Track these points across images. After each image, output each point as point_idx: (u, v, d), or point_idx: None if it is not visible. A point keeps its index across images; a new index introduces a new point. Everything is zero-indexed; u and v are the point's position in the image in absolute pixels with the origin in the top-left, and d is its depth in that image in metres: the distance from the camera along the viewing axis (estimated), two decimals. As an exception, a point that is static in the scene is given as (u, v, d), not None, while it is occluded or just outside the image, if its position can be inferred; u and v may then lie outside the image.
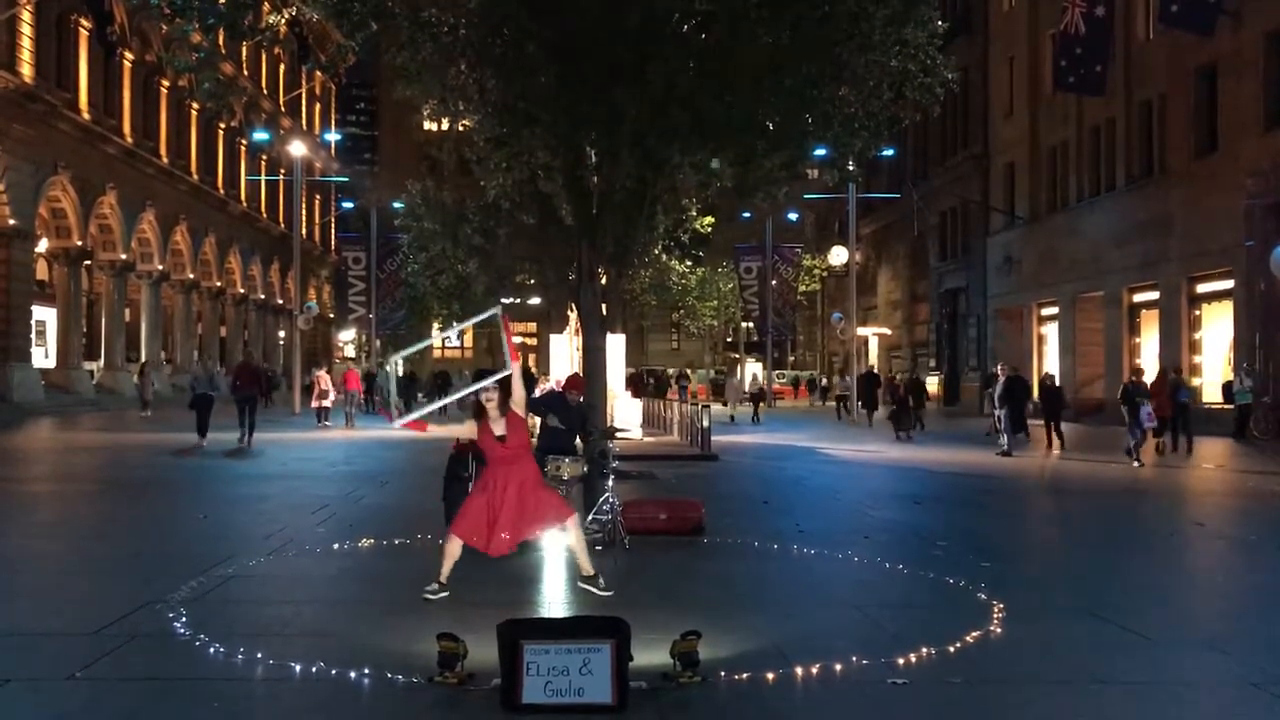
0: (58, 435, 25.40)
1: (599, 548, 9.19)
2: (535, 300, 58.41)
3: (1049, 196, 37.00)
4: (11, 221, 32.47)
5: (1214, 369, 28.32)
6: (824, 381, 55.73)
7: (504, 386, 7.28)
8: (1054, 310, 36.76)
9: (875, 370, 43.75)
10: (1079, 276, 34.30)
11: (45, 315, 37.30)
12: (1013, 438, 20.75)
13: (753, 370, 45.27)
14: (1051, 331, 37.36)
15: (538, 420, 10.41)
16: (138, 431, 25.85)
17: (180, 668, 5.67)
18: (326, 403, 29.48)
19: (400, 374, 43.47)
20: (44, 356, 36.98)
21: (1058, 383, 24.84)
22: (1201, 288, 28.88)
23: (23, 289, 33.60)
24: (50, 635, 6.31)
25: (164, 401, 39.93)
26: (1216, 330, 28.39)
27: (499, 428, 7.17)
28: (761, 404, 36.85)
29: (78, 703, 5.11)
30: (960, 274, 44.67)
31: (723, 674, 5.50)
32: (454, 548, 7.24)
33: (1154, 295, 30.61)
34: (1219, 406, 26.19)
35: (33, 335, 34.89)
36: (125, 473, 16.86)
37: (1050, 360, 36.80)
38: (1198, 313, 29.14)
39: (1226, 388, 25.55)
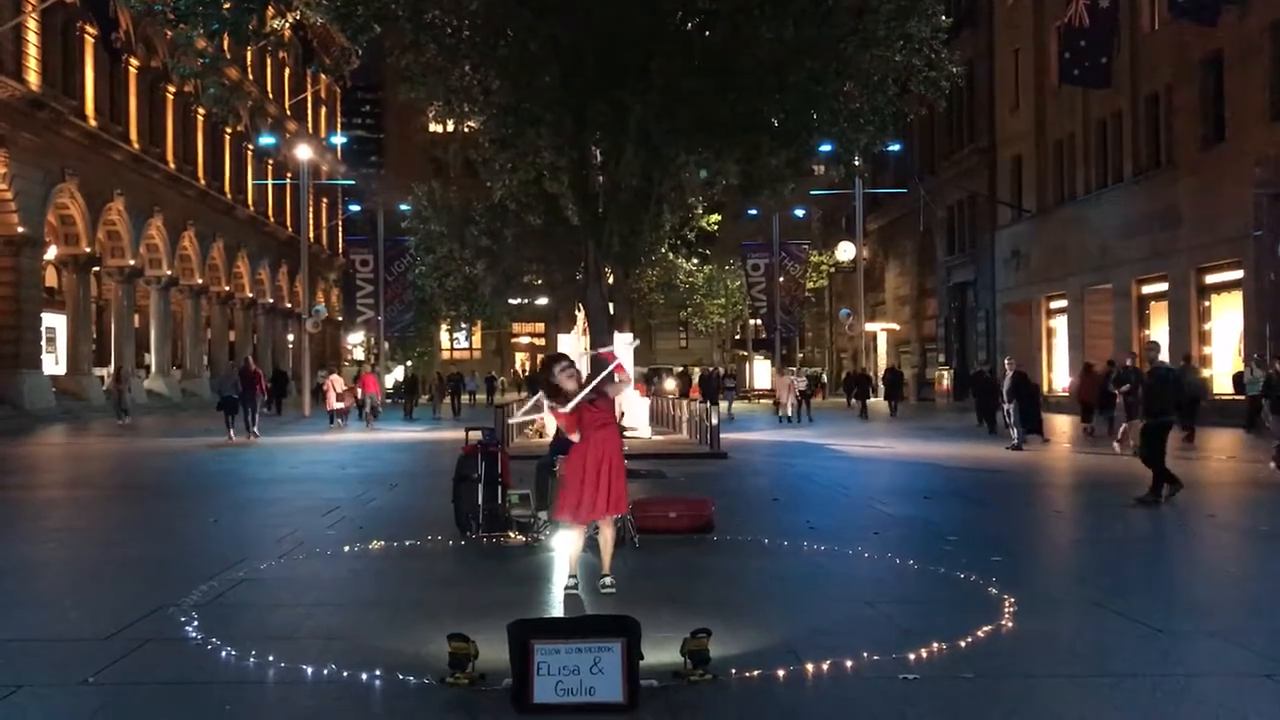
0: (69, 441, 25.49)
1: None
2: (543, 300, 58.46)
3: (1056, 189, 36.94)
4: (20, 229, 32.58)
5: (1224, 360, 28.25)
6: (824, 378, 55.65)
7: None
8: (1063, 303, 36.70)
9: (898, 367, 43.77)
10: (1087, 269, 34.24)
11: (55, 322, 37.43)
12: (1022, 432, 20.71)
13: (799, 370, 44.10)
14: (1060, 324, 37.29)
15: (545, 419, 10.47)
16: (148, 437, 25.95)
17: (192, 672, 5.68)
18: (341, 405, 30.20)
19: (402, 377, 43.57)
20: (54, 363, 37.12)
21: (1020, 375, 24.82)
22: (1210, 278, 28.81)
23: (32, 296, 33.72)
24: (62, 641, 6.33)
25: (175, 406, 40.11)
26: (1226, 321, 28.32)
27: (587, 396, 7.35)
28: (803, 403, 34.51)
29: (90, 708, 5.12)
30: (968, 268, 44.61)
31: (734, 671, 5.50)
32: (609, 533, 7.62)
33: (1163, 287, 30.54)
34: (1230, 397, 26.12)
35: (43, 342, 35.01)
36: (136, 477, 16.93)
37: (1059, 353, 36.76)
38: (1207, 303, 29.07)
39: (1237, 379, 25.48)
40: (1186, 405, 19.50)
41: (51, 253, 36.49)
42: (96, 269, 39.03)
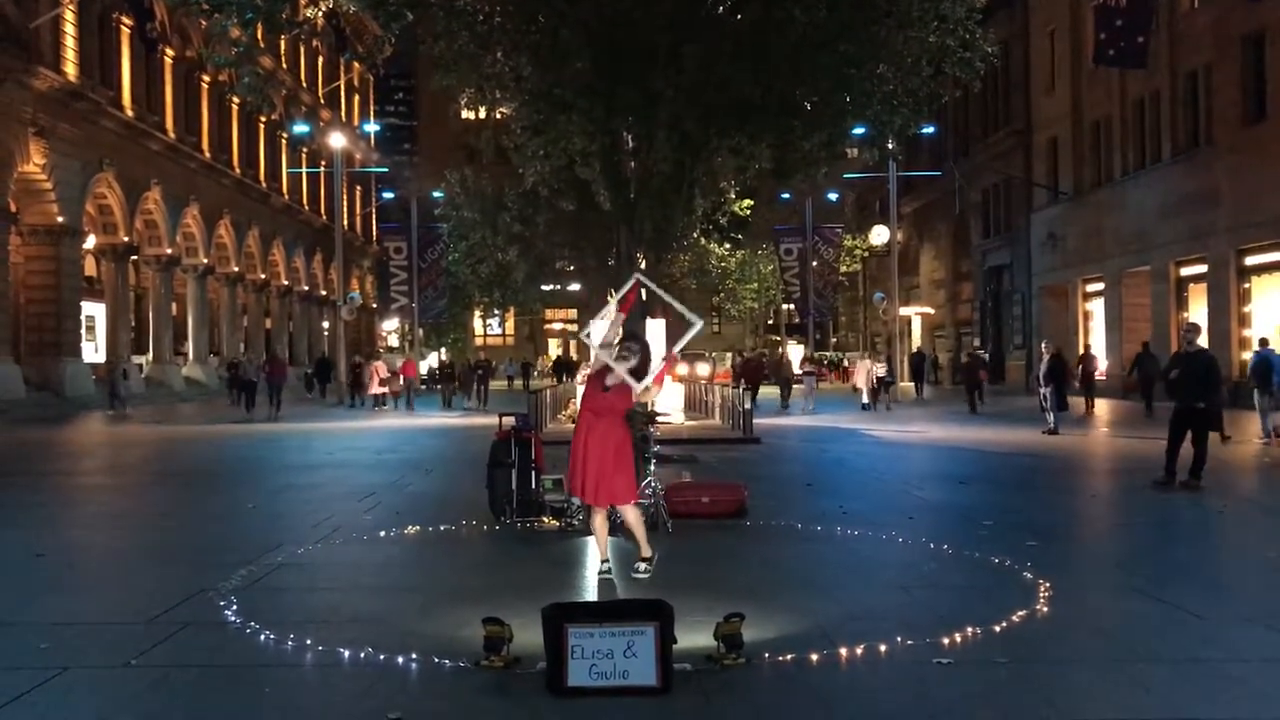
0: (108, 428, 25.81)
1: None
2: (575, 286, 58.50)
3: (1093, 171, 36.52)
4: (60, 219, 32.99)
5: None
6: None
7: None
8: (1099, 286, 36.32)
9: (928, 351, 43.60)
10: (1125, 251, 33.85)
11: (94, 311, 37.90)
12: (1058, 416, 20.54)
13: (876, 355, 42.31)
14: (1097, 307, 36.91)
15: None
16: (183, 424, 26.27)
17: (232, 655, 5.77)
18: (385, 389, 32.28)
19: (438, 363, 43.97)
20: (94, 351, 37.59)
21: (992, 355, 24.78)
22: (1251, 260, 28.39)
23: (72, 285, 34.14)
24: (105, 624, 6.44)
25: (212, 393, 40.51)
26: (1267, 302, 27.92)
27: (612, 379, 7.47)
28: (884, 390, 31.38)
29: (133, 690, 5.21)
30: (1004, 251, 44.22)
31: (767, 655, 5.51)
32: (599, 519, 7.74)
33: (1202, 269, 30.14)
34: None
35: (83, 330, 35.47)
36: (174, 464, 17.14)
37: (1097, 337, 36.40)
38: (1247, 285, 28.65)
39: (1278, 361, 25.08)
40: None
41: (90, 242, 36.91)
42: (134, 258, 39.46)
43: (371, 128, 69.34)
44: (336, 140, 43.90)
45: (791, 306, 55.35)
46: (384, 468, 15.58)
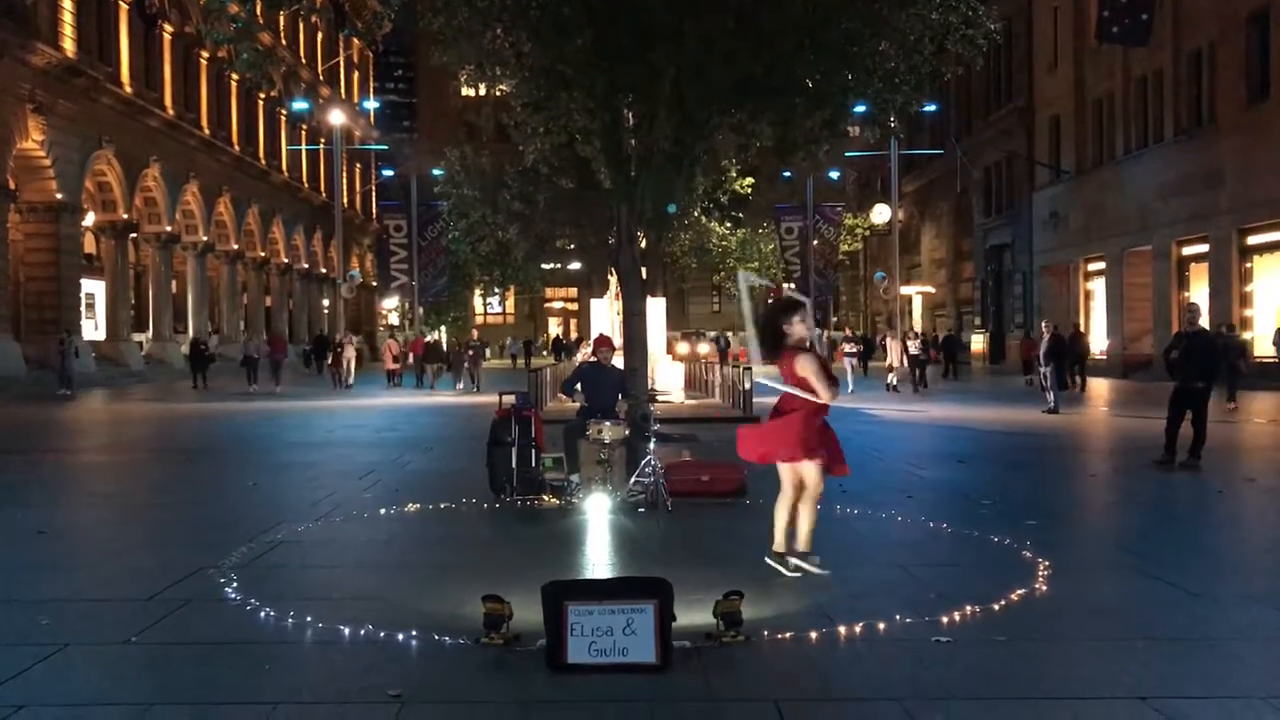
0: (109, 406, 25.83)
1: (641, 509, 9.25)
2: (575, 265, 58.41)
3: (1095, 150, 36.41)
4: (59, 196, 32.91)
5: (1266, 322, 27.85)
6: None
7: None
8: (1101, 265, 36.29)
9: (932, 331, 43.65)
10: (1126, 231, 33.79)
11: (94, 288, 37.88)
12: (1058, 395, 20.54)
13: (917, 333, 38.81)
14: (1098, 287, 36.89)
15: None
16: (185, 401, 26.25)
17: (233, 632, 5.77)
18: (398, 367, 33.40)
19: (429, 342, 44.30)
20: (94, 329, 37.59)
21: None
22: (1253, 239, 28.36)
23: (72, 262, 34.10)
24: (106, 601, 6.45)
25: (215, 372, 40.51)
26: (1268, 282, 27.89)
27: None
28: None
29: (135, 666, 5.22)
30: (1005, 230, 44.15)
31: (766, 633, 5.52)
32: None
33: (1203, 248, 30.10)
34: (1271, 360, 25.77)
35: (83, 308, 35.44)
36: (175, 441, 17.15)
37: (1098, 316, 36.38)
38: (1249, 265, 28.63)
39: (1278, 338, 25.12)
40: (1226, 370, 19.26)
41: (90, 219, 36.84)
42: (134, 235, 39.40)
43: (371, 104, 69.15)
44: (336, 117, 43.78)
45: (792, 285, 55.26)
46: (384, 446, 15.58)
